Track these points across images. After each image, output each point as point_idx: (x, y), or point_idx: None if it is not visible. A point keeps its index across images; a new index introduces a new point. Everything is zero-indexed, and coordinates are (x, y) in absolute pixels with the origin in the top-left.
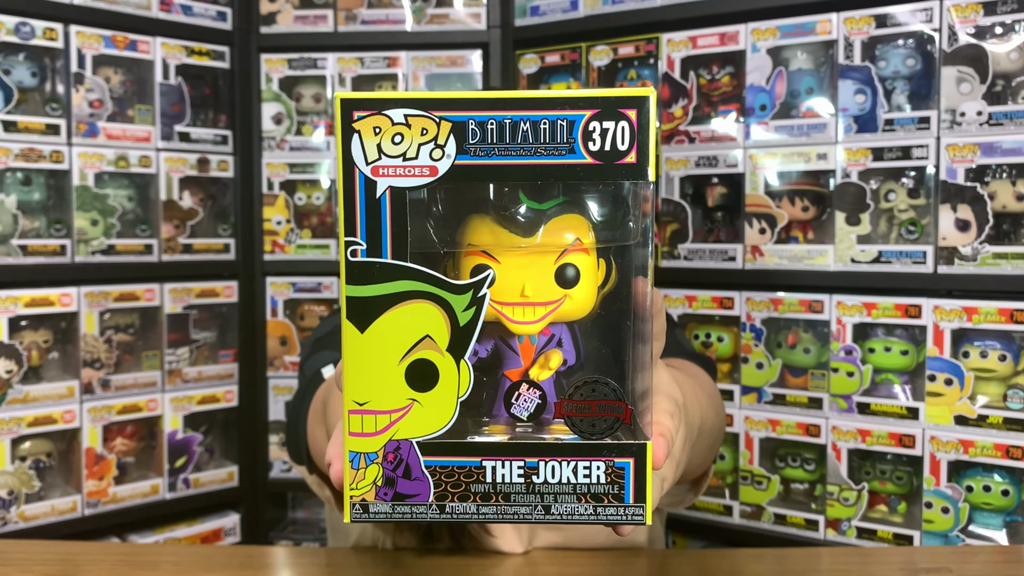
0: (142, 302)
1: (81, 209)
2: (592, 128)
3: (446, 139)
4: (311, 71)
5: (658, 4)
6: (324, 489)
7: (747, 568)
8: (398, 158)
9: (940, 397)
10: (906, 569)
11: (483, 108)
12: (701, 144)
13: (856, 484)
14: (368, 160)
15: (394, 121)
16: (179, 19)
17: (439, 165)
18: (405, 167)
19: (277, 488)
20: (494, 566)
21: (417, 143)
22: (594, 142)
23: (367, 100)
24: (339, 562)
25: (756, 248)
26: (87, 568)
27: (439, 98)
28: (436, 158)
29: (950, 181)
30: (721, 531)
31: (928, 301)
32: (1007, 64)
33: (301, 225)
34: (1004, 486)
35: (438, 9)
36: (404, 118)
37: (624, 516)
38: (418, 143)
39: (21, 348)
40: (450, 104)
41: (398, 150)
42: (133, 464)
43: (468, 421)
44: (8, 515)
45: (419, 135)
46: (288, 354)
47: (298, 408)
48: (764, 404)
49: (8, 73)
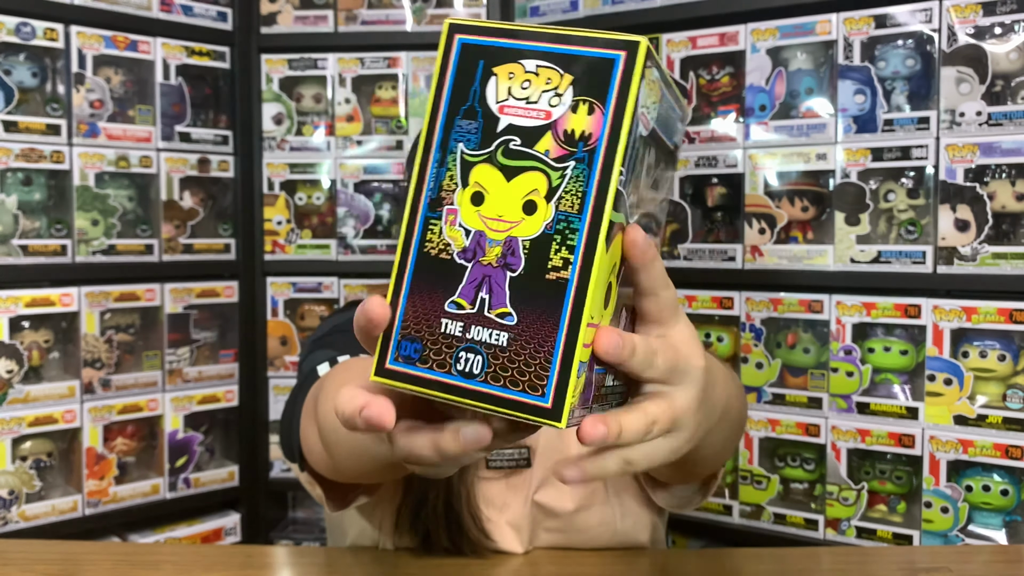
0: (143, 302)
1: (82, 209)
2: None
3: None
4: (311, 71)
5: (658, 4)
6: (315, 487)
7: (747, 568)
8: (522, 100)
9: (940, 397)
10: (906, 569)
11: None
12: (701, 144)
13: (856, 484)
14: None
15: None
16: (179, 19)
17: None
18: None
19: (277, 488)
20: (494, 566)
21: (540, 90)
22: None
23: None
24: (339, 562)
25: (756, 248)
26: (88, 568)
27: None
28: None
29: (949, 181)
30: (721, 531)
31: (927, 301)
32: (1006, 64)
33: (301, 225)
34: (1003, 486)
35: (438, 9)
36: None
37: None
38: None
39: (22, 348)
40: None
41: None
42: (133, 464)
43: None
44: (9, 515)
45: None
46: (288, 354)
47: (292, 405)
48: (764, 404)
49: (9, 73)
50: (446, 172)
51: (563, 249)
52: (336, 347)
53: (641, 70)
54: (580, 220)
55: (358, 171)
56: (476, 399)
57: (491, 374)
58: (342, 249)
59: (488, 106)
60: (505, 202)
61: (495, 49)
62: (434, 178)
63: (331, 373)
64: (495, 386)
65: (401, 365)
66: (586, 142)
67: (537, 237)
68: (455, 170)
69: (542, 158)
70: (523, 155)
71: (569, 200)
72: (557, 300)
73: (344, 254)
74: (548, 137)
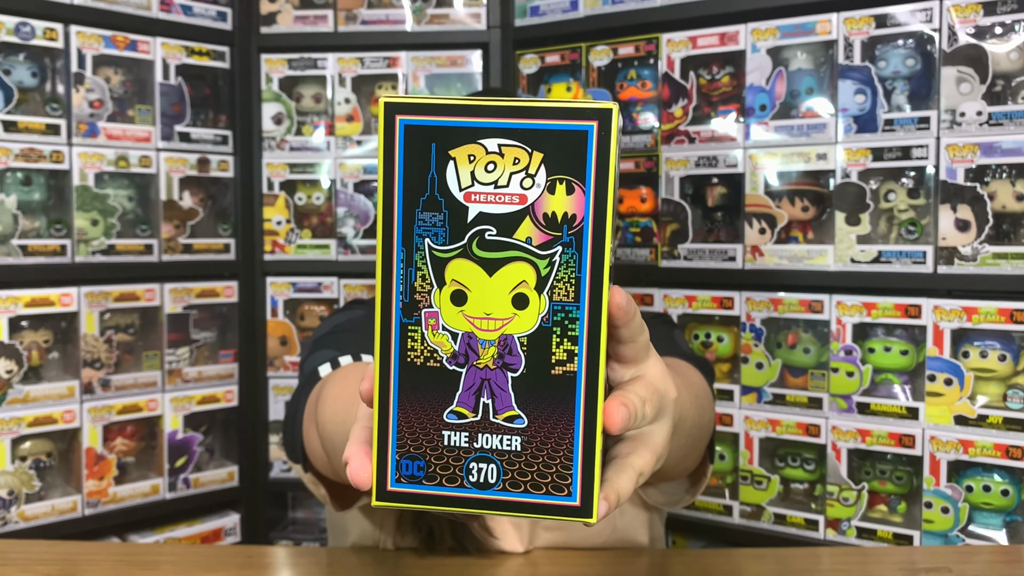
0: (142, 302)
1: (81, 209)
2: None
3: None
4: (311, 71)
5: (658, 4)
6: (319, 487)
7: (747, 568)
8: (490, 185)
9: (940, 397)
10: (906, 569)
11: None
12: (701, 144)
13: (856, 484)
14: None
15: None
16: (179, 19)
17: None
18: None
19: (277, 488)
20: (494, 566)
21: (509, 172)
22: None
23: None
24: (339, 562)
25: (756, 248)
26: (87, 568)
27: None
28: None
29: (950, 181)
30: (721, 531)
31: (928, 301)
32: (1007, 64)
33: (301, 225)
34: (1004, 486)
35: (438, 9)
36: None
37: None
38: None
39: (21, 348)
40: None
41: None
42: (133, 464)
43: None
44: (8, 515)
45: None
46: (288, 354)
47: (295, 407)
48: (764, 404)
49: (8, 73)
50: (416, 272)
51: (565, 341)
52: (337, 347)
53: (617, 139)
54: (579, 309)
55: (358, 171)
56: (497, 508)
57: (509, 481)
58: (342, 249)
59: (451, 194)
60: (491, 299)
61: (447, 130)
62: (403, 280)
63: (331, 378)
64: (516, 492)
65: (405, 486)
66: (570, 225)
67: (534, 332)
68: (426, 269)
69: (524, 246)
70: (502, 245)
71: (563, 289)
72: (568, 395)
73: (344, 254)
74: (527, 223)
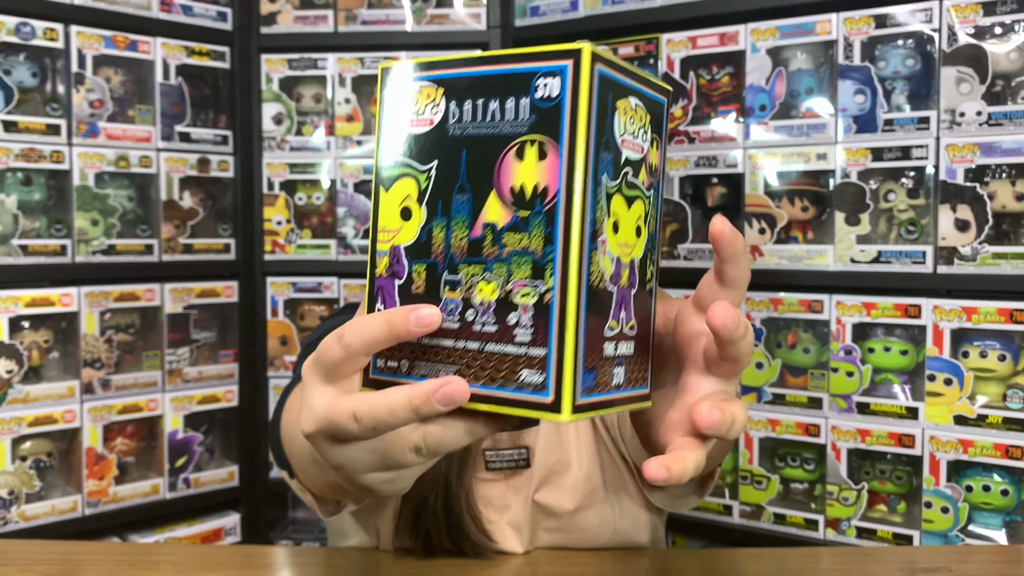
0: (142, 302)
1: (81, 209)
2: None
3: (648, 126)
4: (311, 71)
5: (658, 4)
6: (306, 494)
7: (747, 568)
8: (630, 135)
9: (940, 397)
10: (906, 569)
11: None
12: (701, 144)
13: (856, 484)
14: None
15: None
16: (179, 19)
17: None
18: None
19: (277, 488)
20: (494, 566)
21: (639, 127)
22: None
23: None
24: (339, 562)
25: (756, 248)
26: (87, 568)
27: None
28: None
29: (950, 181)
30: (721, 531)
31: (928, 301)
32: (1007, 64)
33: (301, 225)
34: (1004, 486)
35: (438, 9)
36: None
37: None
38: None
39: (21, 348)
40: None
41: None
42: (133, 464)
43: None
44: (8, 515)
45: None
46: (288, 354)
47: (278, 413)
48: (764, 404)
49: (8, 73)
50: (596, 204)
51: (650, 264)
52: None
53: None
54: (656, 240)
55: (358, 171)
56: (625, 404)
57: (627, 380)
58: (342, 249)
59: (615, 139)
60: (629, 229)
61: (616, 85)
62: (591, 209)
63: (297, 391)
64: (631, 388)
65: (586, 396)
66: (654, 174)
67: (642, 257)
68: (603, 201)
69: (641, 187)
70: (633, 186)
71: (652, 224)
72: (649, 306)
73: (344, 254)
74: (644, 170)
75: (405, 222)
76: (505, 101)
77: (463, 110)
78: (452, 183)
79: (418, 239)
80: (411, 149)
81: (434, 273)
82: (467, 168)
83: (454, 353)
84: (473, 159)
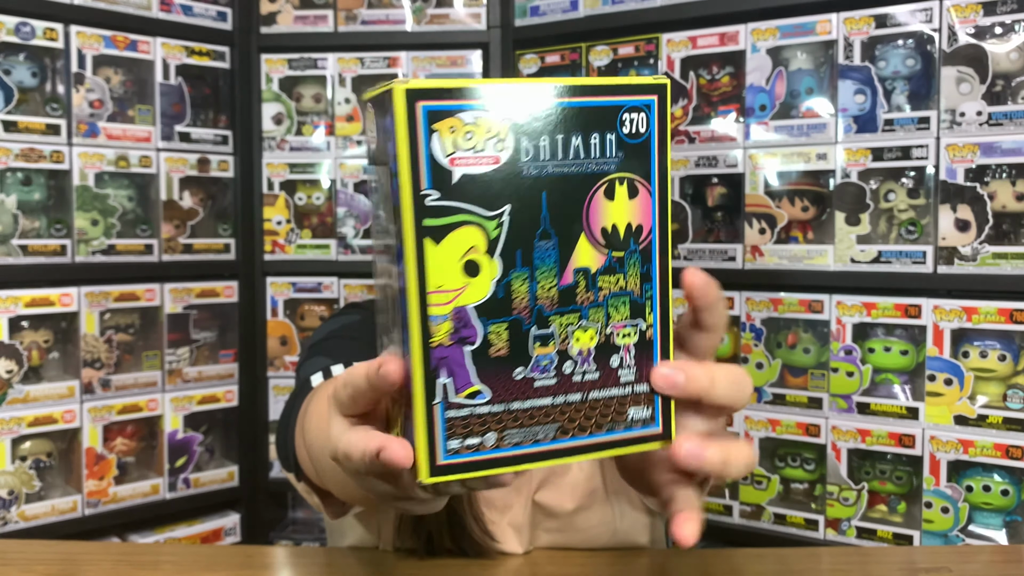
0: (142, 302)
1: (81, 209)
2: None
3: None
4: (311, 71)
5: (658, 4)
6: (312, 496)
7: (747, 568)
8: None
9: (940, 397)
10: (906, 569)
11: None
12: (701, 144)
13: (856, 484)
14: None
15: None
16: (179, 19)
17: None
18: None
19: (277, 488)
20: (494, 566)
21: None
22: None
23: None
24: (339, 562)
25: (756, 248)
26: (87, 568)
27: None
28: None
29: (950, 181)
30: (721, 531)
31: (928, 301)
32: (1007, 64)
33: (301, 225)
34: (1004, 486)
35: (438, 9)
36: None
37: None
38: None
39: (21, 348)
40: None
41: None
42: (133, 464)
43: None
44: (8, 515)
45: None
46: (288, 354)
47: (287, 416)
48: (764, 404)
49: (8, 73)
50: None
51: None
52: (331, 354)
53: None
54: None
55: (358, 171)
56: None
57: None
58: (342, 249)
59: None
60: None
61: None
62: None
63: (319, 390)
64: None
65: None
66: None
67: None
68: None
69: None
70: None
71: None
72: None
73: (344, 254)
74: None
75: (472, 278)
76: (589, 137)
77: (539, 147)
78: (532, 229)
79: (493, 295)
80: (466, 192)
81: (519, 331)
82: (549, 211)
83: (553, 411)
84: (555, 200)
